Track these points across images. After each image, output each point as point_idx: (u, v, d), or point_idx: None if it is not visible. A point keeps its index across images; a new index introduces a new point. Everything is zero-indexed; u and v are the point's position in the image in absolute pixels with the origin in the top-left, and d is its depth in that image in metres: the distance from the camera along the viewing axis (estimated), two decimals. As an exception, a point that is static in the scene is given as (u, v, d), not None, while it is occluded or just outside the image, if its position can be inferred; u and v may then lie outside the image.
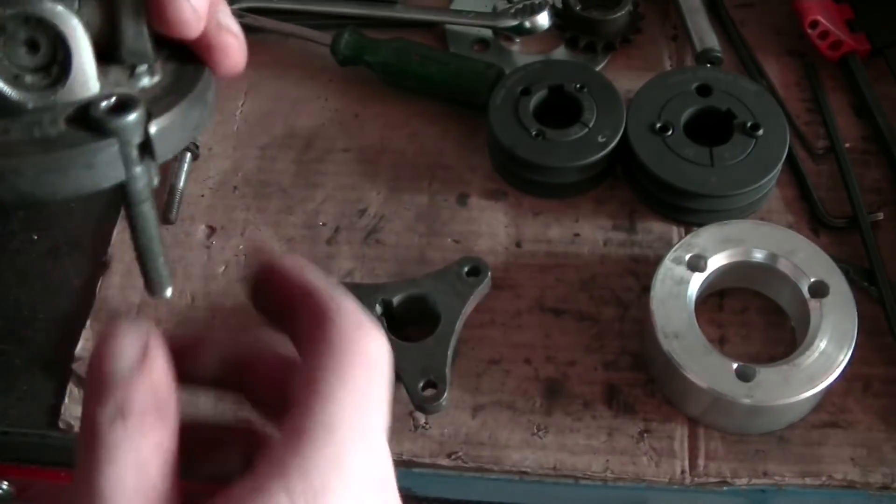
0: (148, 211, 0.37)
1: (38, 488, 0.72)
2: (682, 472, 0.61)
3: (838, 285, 0.62)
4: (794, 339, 0.65)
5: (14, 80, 0.35)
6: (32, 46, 0.34)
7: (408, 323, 0.65)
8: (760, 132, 0.70)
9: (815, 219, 0.71)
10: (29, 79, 0.35)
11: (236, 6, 0.84)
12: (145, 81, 0.38)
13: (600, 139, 0.71)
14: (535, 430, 0.63)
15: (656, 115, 0.71)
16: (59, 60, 0.35)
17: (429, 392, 0.61)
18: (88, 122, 0.36)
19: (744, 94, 0.72)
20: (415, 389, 0.60)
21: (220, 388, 0.38)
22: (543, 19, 0.80)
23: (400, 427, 0.64)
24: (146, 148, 0.36)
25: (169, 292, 0.39)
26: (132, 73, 0.37)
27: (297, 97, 0.81)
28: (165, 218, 0.73)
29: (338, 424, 0.31)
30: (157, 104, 0.37)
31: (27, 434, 0.66)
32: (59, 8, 0.35)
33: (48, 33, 0.35)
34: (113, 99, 0.36)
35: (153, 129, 0.36)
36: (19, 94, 0.35)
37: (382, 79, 0.80)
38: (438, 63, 0.78)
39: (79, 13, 0.35)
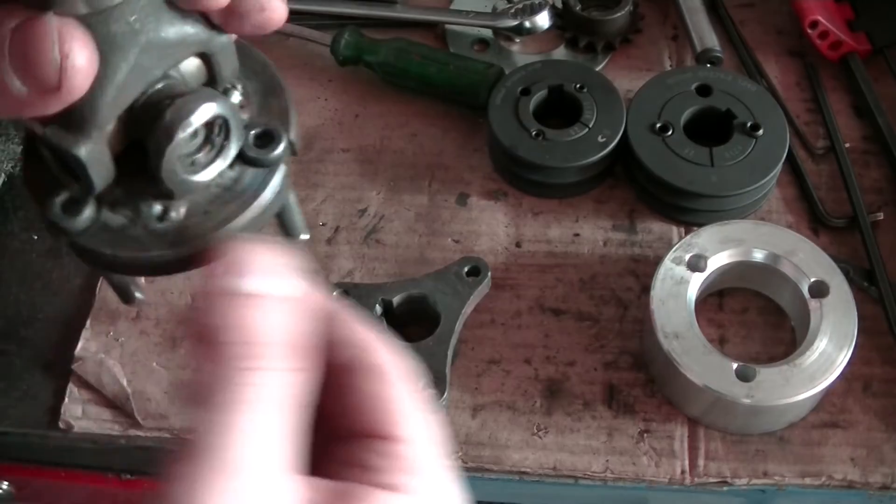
0: (291, 194, 0.43)
1: (38, 488, 0.72)
2: (682, 472, 0.61)
3: (838, 285, 0.62)
4: (794, 339, 0.65)
5: (191, 168, 0.37)
6: (194, 133, 0.36)
7: (408, 323, 0.65)
8: (760, 132, 0.70)
9: (815, 219, 0.71)
10: (201, 158, 0.38)
11: (236, 6, 0.84)
12: (237, 95, 0.40)
13: (600, 139, 0.71)
14: (535, 430, 0.63)
15: (656, 115, 0.71)
16: (218, 133, 0.38)
17: (429, 392, 0.61)
18: (251, 162, 0.40)
19: (744, 94, 0.72)
20: (415, 389, 0.60)
21: None
22: (543, 19, 0.80)
23: (400, 427, 0.63)
24: (292, 152, 0.41)
25: (306, 235, 0.44)
26: (225, 92, 0.40)
27: (297, 97, 0.80)
28: (165, 218, 0.73)
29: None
30: (272, 114, 0.41)
31: (27, 434, 0.66)
32: (227, 99, 0.37)
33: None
34: (252, 134, 0.39)
35: (292, 136, 0.41)
36: (202, 175, 0.38)
37: (382, 79, 0.80)
38: (438, 63, 0.78)
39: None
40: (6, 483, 0.72)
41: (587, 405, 0.64)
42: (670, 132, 0.70)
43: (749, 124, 0.70)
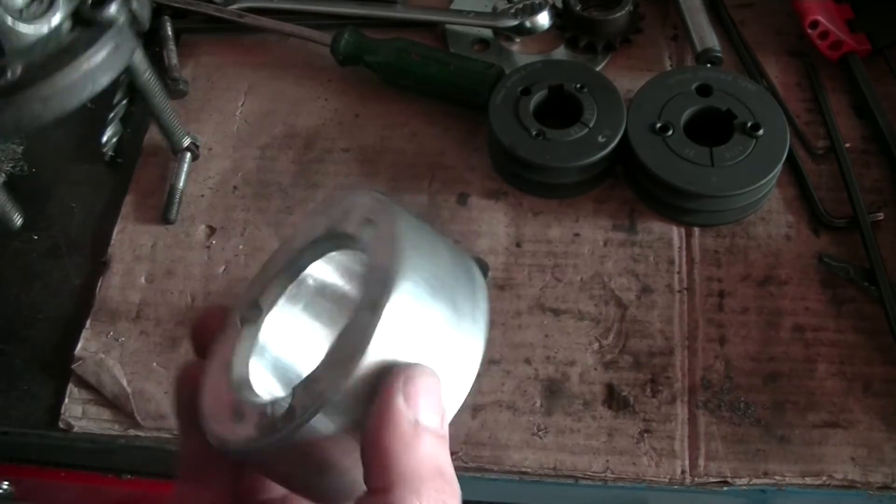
0: (152, 79, 0.50)
1: (38, 488, 0.72)
2: (682, 472, 0.61)
3: None
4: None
5: (20, 18, 0.43)
6: None
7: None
8: (760, 132, 0.70)
9: (815, 219, 0.71)
10: (32, 9, 0.43)
11: (236, 6, 0.84)
12: None
13: (600, 139, 0.71)
14: (536, 431, 0.63)
15: (656, 115, 0.71)
16: None
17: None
18: (86, 22, 0.46)
19: (744, 94, 0.72)
20: (414, 389, 0.60)
21: None
22: (543, 19, 0.80)
23: (400, 427, 0.63)
24: (133, 22, 0.47)
25: (187, 140, 0.54)
26: None
27: (297, 97, 0.81)
28: (165, 218, 0.73)
29: None
30: None
31: (27, 434, 0.66)
32: None
33: None
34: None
35: (134, 4, 0.47)
36: (32, 27, 0.43)
37: (382, 79, 0.80)
38: (438, 63, 0.78)
39: None
40: (6, 483, 0.72)
41: (587, 405, 0.64)
42: (670, 132, 0.70)
43: (749, 124, 0.70)
